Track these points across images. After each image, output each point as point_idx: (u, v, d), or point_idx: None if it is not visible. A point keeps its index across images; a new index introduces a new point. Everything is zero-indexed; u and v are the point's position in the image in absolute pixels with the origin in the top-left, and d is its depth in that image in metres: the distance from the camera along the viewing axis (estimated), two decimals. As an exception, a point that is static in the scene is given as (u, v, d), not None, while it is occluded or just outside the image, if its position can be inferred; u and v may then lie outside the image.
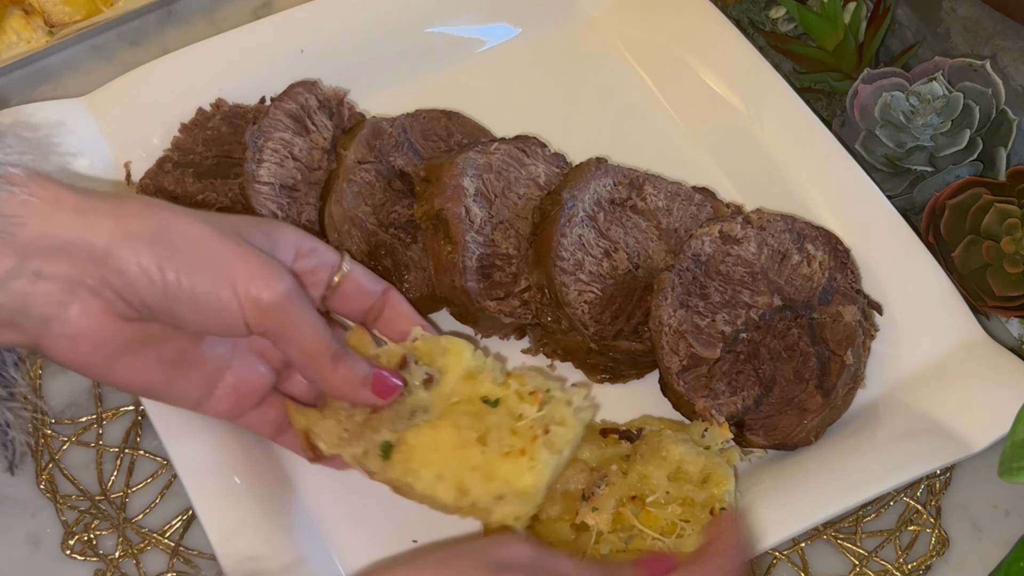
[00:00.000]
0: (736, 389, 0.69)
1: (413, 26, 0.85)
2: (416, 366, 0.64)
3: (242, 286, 0.57)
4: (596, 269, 0.71)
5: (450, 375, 0.65)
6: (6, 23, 0.84)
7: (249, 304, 0.57)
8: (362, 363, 0.62)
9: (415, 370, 0.64)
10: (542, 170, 0.76)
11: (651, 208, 0.75)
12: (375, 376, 0.62)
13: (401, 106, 0.80)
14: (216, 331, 0.59)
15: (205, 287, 0.56)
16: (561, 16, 0.88)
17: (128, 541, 0.69)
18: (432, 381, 0.64)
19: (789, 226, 0.74)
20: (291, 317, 0.58)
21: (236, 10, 0.91)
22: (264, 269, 0.58)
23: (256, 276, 0.57)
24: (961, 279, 0.75)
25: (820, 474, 0.67)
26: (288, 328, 0.59)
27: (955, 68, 0.80)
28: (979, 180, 0.76)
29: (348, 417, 0.63)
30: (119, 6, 0.86)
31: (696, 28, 0.85)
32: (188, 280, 0.56)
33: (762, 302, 0.71)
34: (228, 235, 0.58)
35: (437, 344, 0.65)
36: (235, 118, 0.78)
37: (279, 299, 0.57)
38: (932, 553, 0.71)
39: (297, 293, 0.59)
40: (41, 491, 0.71)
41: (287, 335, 0.59)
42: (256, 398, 0.65)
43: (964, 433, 0.68)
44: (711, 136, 0.83)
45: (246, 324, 0.58)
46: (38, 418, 0.73)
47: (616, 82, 0.86)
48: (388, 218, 0.74)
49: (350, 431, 0.63)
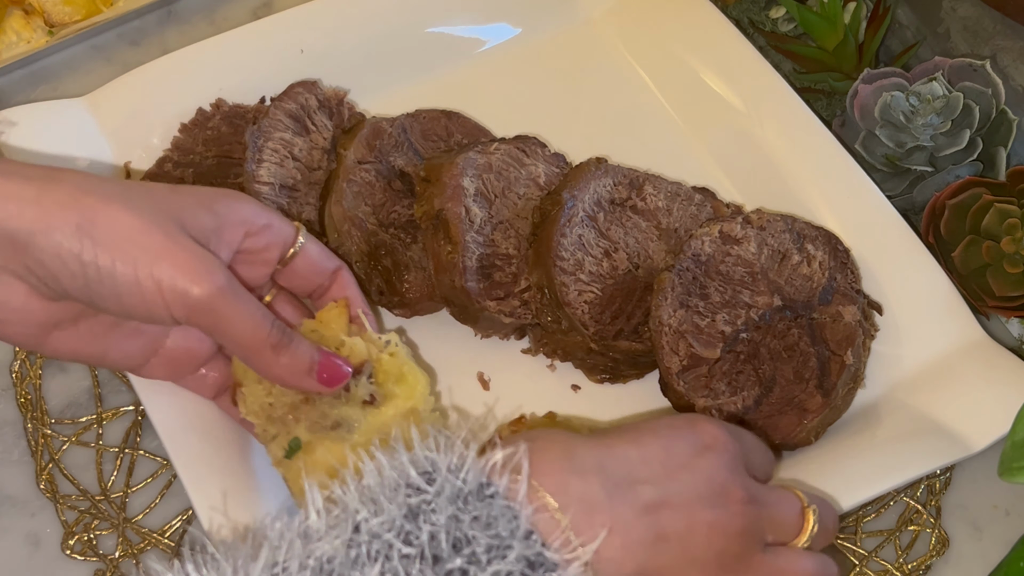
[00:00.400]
0: (736, 389, 0.69)
1: (413, 26, 0.85)
2: (367, 381, 0.62)
3: (168, 281, 0.55)
4: (596, 269, 0.72)
5: (392, 406, 0.62)
6: (6, 23, 0.84)
7: (175, 300, 0.56)
8: (307, 348, 0.60)
9: (363, 383, 0.62)
10: (542, 170, 0.76)
11: (651, 208, 0.75)
12: (321, 362, 0.60)
13: (401, 106, 0.80)
14: (142, 320, 0.58)
15: (128, 281, 0.55)
16: (561, 16, 0.88)
17: (128, 541, 0.69)
18: (373, 403, 0.62)
19: (789, 226, 0.74)
20: (222, 314, 0.57)
21: (236, 10, 0.91)
22: (194, 263, 0.56)
23: (184, 271, 0.55)
24: (961, 279, 0.75)
25: (820, 474, 0.67)
26: (221, 324, 0.57)
27: (955, 68, 0.80)
28: (979, 180, 0.76)
29: (281, 393, 0.62)
30: (119, 6, 0.86)
31: (696, 28, 0.85)
32: (110, 275, 0.55)
33: (762, 302, 0.71)
34: (161, 224, 0.56)
35: (399, 367, 0.63)
36: (235, 118, 0.78)
37: (207, 296, 0.56)
38: (932, 553, 0.71)
39: (229, 287, 0.57)
40: (41, 491, 0.71)
41: (221, 330, 0.57)
42: (195, 365, 0.64)
43: (964, 433, 0.68)
44: (711, 136, 0.83)
45: (172, 317, 0.56)
46: (38, 418, 0.73)
47: (616, 82, 0.86)
48: (388, 218, 0.74)
49: (274, 407, 0.62)
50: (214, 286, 0.56)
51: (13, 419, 0.73)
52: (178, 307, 0.56)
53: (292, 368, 0.60)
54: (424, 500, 0.47)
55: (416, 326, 0.74)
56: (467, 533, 0.46)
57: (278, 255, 0.63)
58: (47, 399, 0.74)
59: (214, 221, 0.59)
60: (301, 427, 0.61)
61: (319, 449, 0.60)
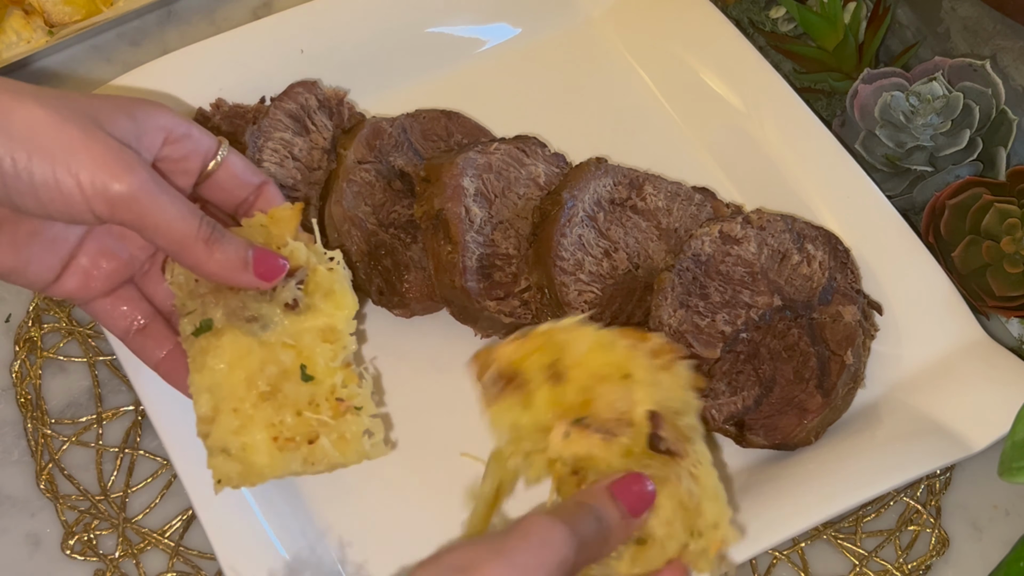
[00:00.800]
0: (736, 389, 0.69)
1: (413, 26, 0.85)
2: (295, 285, 0.61)
3: (86, 176, 0.54)
4: (596, 269, 0.72)
5: (311, 317, 0.62)
6: (6, 23, 0.84)
7: (96, 196, 0.54)
8: (239, 243, 0.59)
9: (290, 287, 0.61)
10: (542, 170, 0.76)
11: (651, 208, 0.75)
12: (257, 256, 0.59)
13: (401, 106, 0.80)
14: (63, 220, 0.57)
15: (45, 177, 0.54)
16: (561, 16, 0.88)
17: (128, 541, 0.69)
18: (294, 308, 0.61)
19: (789, 226, 0.74)
20: (147, 207, 0.55)
21: (236, 10, 0.91)
22: (113, 158, 0.55)
23: (103, 166, 0.54)
24: (961, 279, 0.75)
25: (820, 474, 0.67)
26: (147, 218, 0.55)
27: (955, 68, 0.80)
28: (979, 180, 0.76)
29: None
30: (119, 6, 0.86)
31: (696, 28, 0.85)
32: (26, 169, 0.53)
33: (762, 302, 0.71)
34: (77, 121, 0.54)
35: (331, 283, 0.62)
36: (235, 118, 0.78)
37: (130, 190, 0.54)
38: (932, 553, 0.71)
39: (152, 182, 0.55)
40: (41, 491, 0.71)
41: (147, 225, 0.56)
42: (107, 283, 0.63)
43: (964, 433, 0.68)
44: (711, 136, 0.83)
45: (94, 214, 0.55)
46: (38, 417, 0.73)
47: (616, 82, 0.86)
48: (388, 218, 0.74)
49: (199, 283, 0.61)
50: (136, 180, 0.55)
51: (13, 419, 0.73)
52: (99, 202, 0.55)
53: (226, 263, 0.58)
54: None
55: (416, 326, 0.74)
56: None
57: (199, 165, 0.62)
58: (47, 399, 0.74)
59: (133, 126, 0.57)
60: (219, 311, 0.60)
61: (227, 335, 0.60)
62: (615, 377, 0.59)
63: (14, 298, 0.77)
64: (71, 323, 0.76)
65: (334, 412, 0.60)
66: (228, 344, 0.60)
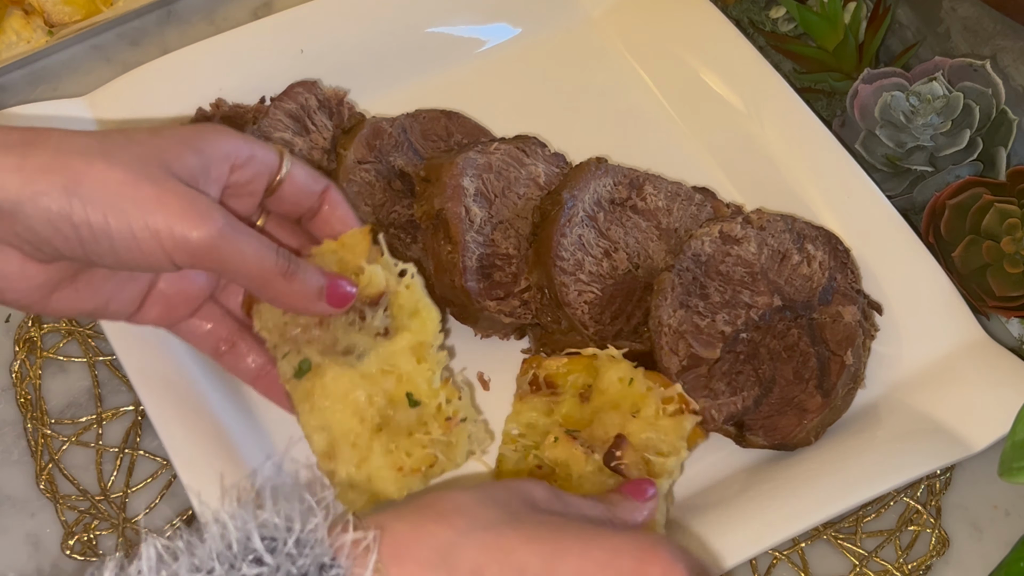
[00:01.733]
0: (736, 389, 0.69)
1: (413, 26, 0.85)
2: (382, 313, 0.63)
3: (165, 231, 0.55)
4: (596, 269, 0.72)
5: (402, 339, 0.63)
6: (6, 23, 0.84)
7: (176, 248, 0.55)
8: (314, 274, 0.60)
9: (379, 315, 0.63)
10: (542, 170, 0.76)
11: (651, 208, 0.75)
12: (329, 285, 0.61)
13: (401, 106, 0.80)
14: (144, 271, 0.58)
15: (124, 237, 0.54)
16: (561, 16, 0.88)
17: (128, 541, 0.69)
18: (386, 335, 0.63)
19: (789, 226, 0.74)
20: (226, 252, 0.56)
21: (236, 10, 0.91)
22: (188, 208, 0.55)
23: (180, 218, 0.55)
24: (961, 279, 0.75)
25: (820, 474, 0.67)
26: (228, 262, 0.57)
27: (955, 68, 0.80)
28: (979, 180, 0.76)
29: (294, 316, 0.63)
30: (119, 6, 0.86)
31: (696, 28, 0.85)
32: (104, 232, 0.54)
33: (762, 302, 0.71)
34: (147, 172, 0.55)
35: (414, 302, 0.64)
36: (235, 118, 0.78)
37: (208, 238, 0.55)
38: (932, 553, 0.71)
39: (228, 226, 0.56)
40: (41, 491, 0.71)
41: (228, 268, 0.57)
42: (189, 307, 0.64)
43: (964, 433, 0.68)
44: (711, 136, 0.83)
45: (174, 263, 0.56)
46: (38, 418, 0.73)
47: (616, 82, 0.86)
48: (388, 218, 0.74)
49: (288, 325, 0.63)
50: (213, 227, 0.56)
51: (13, 419, 0.73)
52: (180, 253, 0.56)
53: (303, 294, 0.60)
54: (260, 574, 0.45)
55: (416, 326, 0.74)
56: None
57: (265, 184, 0.62)
58: (47, 399, 0.74)
59: (200, 160, 0.58)
60: (313, 348, 0.62)
61: (328, 373, 0.61)
62: (624, 410, 0.65)
63: (14, 298, 0.77)
64: (71, 323, 0.76)
65: (444, 430, 0.63)
66: (332, 382, 0.62)
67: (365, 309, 0.63)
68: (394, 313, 0.64)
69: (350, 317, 0.63)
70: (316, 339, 0.62)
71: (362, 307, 0.63)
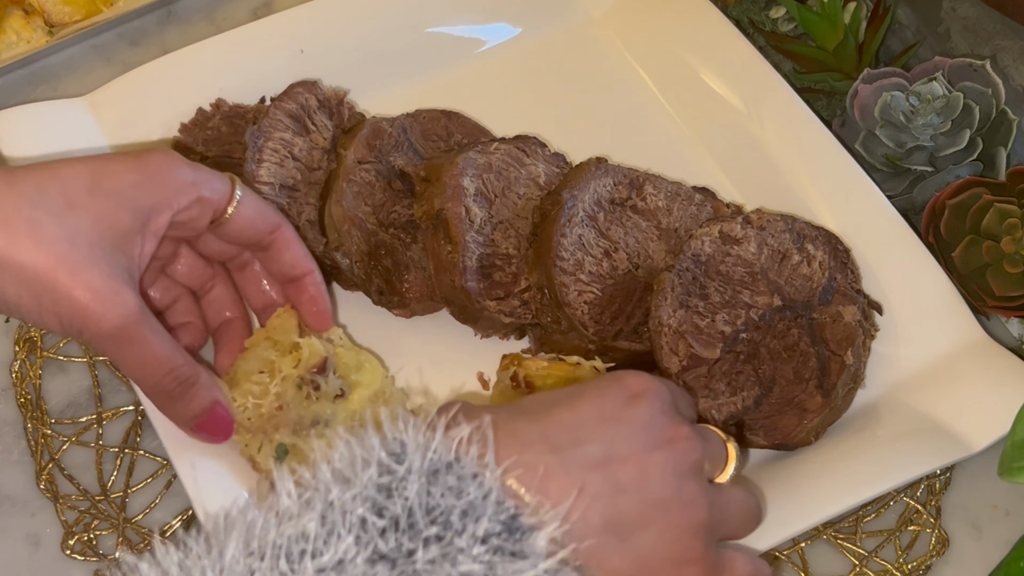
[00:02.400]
0: (736, 389, 0.69)
1: (413, 26, 0.85)
2: (333, 376, 0.65)
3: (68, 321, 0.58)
4: (596, 269, 0.72)
5: (358, 393, 0.65)
6: (6, 23, 0.84)
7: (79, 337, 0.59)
8: (196, 401, 0.62)
9: (331, 380, 0.64)
10: (542, 170, 0.76)
11: (651, 208, 0.75)
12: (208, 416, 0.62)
13: (401, 106, 0.80)
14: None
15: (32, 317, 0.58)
16: (561, 16, 0.88)
17: (128, 541, 0.69)
18: (343, 396, 0.65)
19: (789, 226, 0.74)
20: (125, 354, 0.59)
21: (236, 10, 0.91)
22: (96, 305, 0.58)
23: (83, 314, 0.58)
24: (961, 279, 0.75)
25: (820, 474, 0.67)
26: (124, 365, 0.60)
27: (955, 68, 0.80)
28: (979, 180, 0.76)
29: (255, 407, 0.64)
30: (119, 6, 0.86)
31: (696, 28, 0.85)
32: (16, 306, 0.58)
33: (762, 302, 0.71)
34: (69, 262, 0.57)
35: (356, 357, 0.66)
36: (235, 118, 0.78)
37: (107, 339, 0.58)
38: (932, 553, 0.71)
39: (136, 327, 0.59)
40: (41, 491, 0.71)
41: (124, 369, 0.61)
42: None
43: (964, 433, 0.68)
44: (711, 136, 0.83)
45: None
46: (38, 417, 0.73)
47: (616, 82, 0.86)
48: (388, 218, 0.74)
49: (252, 420, 0.64)
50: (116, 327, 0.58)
51: (13, 419, 0.73)
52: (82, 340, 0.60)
53: (180, 417, 0.63)
54: (395, 478, 0.47)
55: (416, 326, 0.74)
56: (439, 503, 0.46)
57: (208, 220, 0.64)
58: (47, 399, 0.74)
59: (136, 220, 0.60)
60: (283, 434, 0.63)
61: (305, 449, 0.62)
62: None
63: (14, 298, 0.77)
64: (71, 323, 0.76)
65: None
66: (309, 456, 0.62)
67: (316, 379, 0.64)
68: (342, 374, 0.65)
69: (304, 391, 0.64)
70: (281, 424, 0.64)
71: (312, 378, 0.65)
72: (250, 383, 0.64)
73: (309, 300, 0.68)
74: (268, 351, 0.66)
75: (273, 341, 0.66)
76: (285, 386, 0.65)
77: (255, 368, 0.65)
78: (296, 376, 0.65)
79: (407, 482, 0.47)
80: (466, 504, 0.46)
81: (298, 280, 0.67)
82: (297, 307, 0.68)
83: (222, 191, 0.64)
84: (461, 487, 0.47)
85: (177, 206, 0.61)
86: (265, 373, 0.65)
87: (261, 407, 0.64)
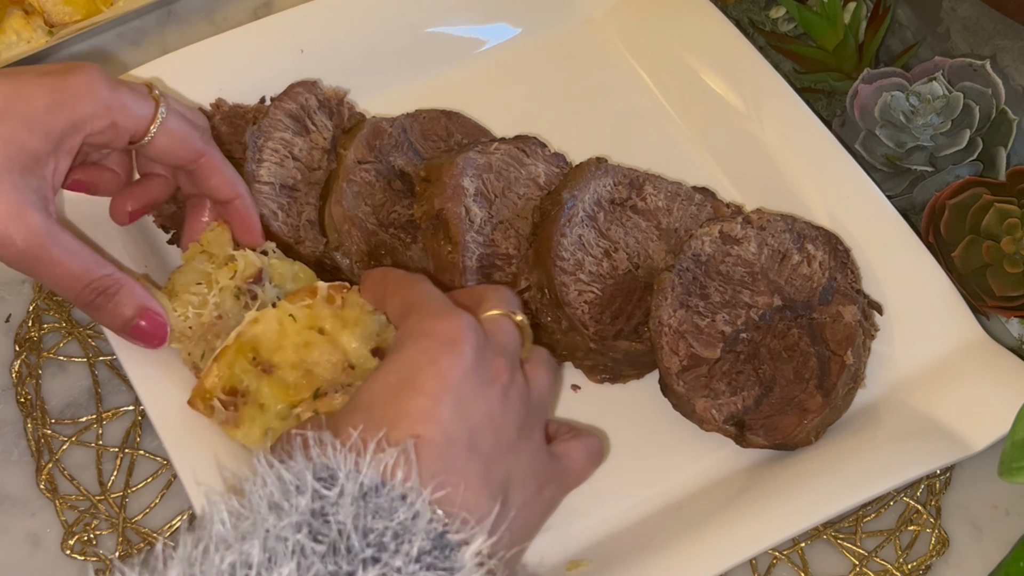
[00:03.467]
0: (736, 389, 0.69)
1: (413, 26, 0.85)
2: (269, 286, 0.66)
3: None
4: (596, 269, 0.72)
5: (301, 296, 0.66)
6: (6, 23, 0.84)
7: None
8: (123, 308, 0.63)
9: (268, 288, 0.66)
10: (542, 170, 0.76)
11: (651, 208, 0.75)
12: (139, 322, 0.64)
13: (401, 106, 0.80)
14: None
15: None
16: (561, 16, 0.88)
17: (128, 541, 0.69)
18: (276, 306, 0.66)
19: (789, 226, 0.74)
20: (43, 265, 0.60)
21: (236, 10, 0.91)
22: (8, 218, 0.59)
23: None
24: (961, 279, 0.75)
25: (820, 474, 0.67)
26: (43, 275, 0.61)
27: (955, 68, 0.80)
28: (979, 180, 0.76)
29: (196, 315, 0.66)
30: (119, 6, 0.86)
31: (696, 28, 0.85)
32: None
33: (762, 302, 0.71)
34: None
35: (290, 267, 0.68)
36: (235, 118, 0.78)
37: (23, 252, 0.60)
38: (932, 553, 0.71)
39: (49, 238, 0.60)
40: (41, 491, 0.71)
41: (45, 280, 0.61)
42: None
43: (964, 433, 0.68)
44: (711, 136, 0.83)
45: None
46: (38, 418, 0.73)
47: (616, 82, 0.86)
48: (388, 218, 0.74)
49: (194, 329, 0.66)
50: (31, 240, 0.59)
51: (13, 419, 0.73)
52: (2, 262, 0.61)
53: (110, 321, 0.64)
54: (327, 503, 0.49)
55: (416, 326, 0.74)
56: (373, 525, 0.48)
57: (127, 140, 0.65)
58: (47, 399, 0.74)
59: (47, 143, 0.61)
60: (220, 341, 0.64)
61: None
62: (313, 341, 0.64)
63: (14, 298, 0.77)
64: (71, 323, 0.76)
65: None
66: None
67: (254, 289, 0.66)
68: (277, 283, 0.67)
69: (242, 301, 0.66)
70: (222, 331, 0.65)
71: (249, 288, 0.66)
72: (189, 294, 0.66)
73: (239, 221, 0.69)
74: (204, 263, 0.68)
75: (209, 254, 0.68)
76: (223, 296, 0.66)
77: (192, 280, 0.67)
78: (233, 286, 0.67)
79: (339, 507, 0.49)
80: (398, 525, 0.49)
81: (227, 203, 0.69)
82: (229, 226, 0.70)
83: (140, 116, 0.65)
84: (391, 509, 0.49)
85: (90, 129, 0.62)
86: (203, 284, 0.67)
87: (202, 316, 0.66)
